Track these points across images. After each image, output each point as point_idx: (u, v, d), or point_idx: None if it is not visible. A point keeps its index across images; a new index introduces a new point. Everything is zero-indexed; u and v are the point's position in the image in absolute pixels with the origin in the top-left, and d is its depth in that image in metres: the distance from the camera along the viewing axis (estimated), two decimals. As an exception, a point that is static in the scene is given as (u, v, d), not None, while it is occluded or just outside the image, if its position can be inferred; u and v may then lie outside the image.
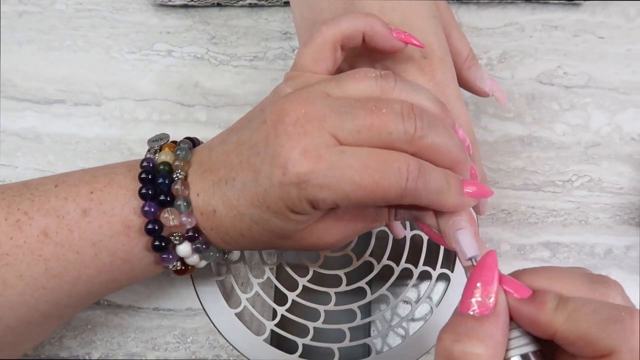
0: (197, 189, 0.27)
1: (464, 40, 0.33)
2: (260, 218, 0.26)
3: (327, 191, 0.24)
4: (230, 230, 0.27)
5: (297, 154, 0.23)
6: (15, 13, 0.45)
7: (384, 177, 0.23)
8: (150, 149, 0.30)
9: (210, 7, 0.44)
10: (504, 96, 0.34)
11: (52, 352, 0.40)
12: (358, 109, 0.24)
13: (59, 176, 0.30)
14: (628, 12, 0.42)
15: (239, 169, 0.26)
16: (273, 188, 0.24)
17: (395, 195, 0.24)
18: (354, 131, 0.24)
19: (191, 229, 0.28)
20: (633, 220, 0.39)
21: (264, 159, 0.24)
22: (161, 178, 0.28)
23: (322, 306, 0.35)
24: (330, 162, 0.23)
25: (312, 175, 0.23)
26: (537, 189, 0.40)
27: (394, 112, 0.24)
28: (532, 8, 0.43)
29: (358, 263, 0.35)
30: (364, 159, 0.24)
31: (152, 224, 0.28)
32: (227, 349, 0.39)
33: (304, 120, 0.24)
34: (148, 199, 0.28)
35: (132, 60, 0.44)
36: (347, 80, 0.26)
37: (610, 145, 0.41)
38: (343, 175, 0.23)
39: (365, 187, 0.23)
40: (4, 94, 0.44)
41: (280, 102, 0.25)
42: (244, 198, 0.26)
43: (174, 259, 0.29)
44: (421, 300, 0.36)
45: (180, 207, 0.27)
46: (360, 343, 0.35)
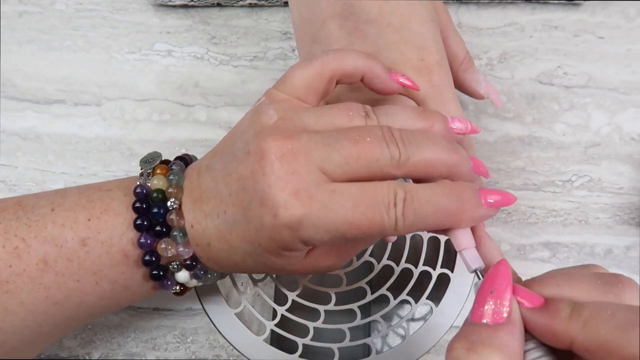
0: (191, 220, 0.27)
1: (461, 43, 0.33)
2: (254, 252, 0.26)
3: (322, 232, 0.23)
4: (225, 261, 0.27)
5: (287, 196, 0.23)
6: (15, 13, 0.45)
7: (375, 213, 0.23)
8: (143, 173, 0.29)
9: (210, 7, 0.44)
10: (499, 98, 0.34)
11: (52, 352, 0.40)
12: (342, 140, 0.24)
13: (55, 197, 0.29)
14: (628, 12, 0.42)
15: (229, 202, 0.25)
16: (264, 229, 0.24)
17: (389, 229, 0.24)
18: (341, 163, 0.24)
19: (189, 259, 0.28)
20: (633, 220, 0.39)
21: (252, 197, 0.24)
22: (156, 207, 0.27)
23: (322, 306, 0.35)
24: (322, 202, 0.23)
25: (305, 218, 0.23)
26: (537, 189, 0.40)
27: (377, 139, 0.24)
28: (532, 8, 0.43)
29: (358, 263, 0.35)
30: (355, 197, 0.23)
31: (149, 256, 0.27)
32: (227, 349, 0.39)
33: (290, 156, 0.23)
34: (144, 230, 0.27)
35: (132, 60, 0.44)
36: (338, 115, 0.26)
37: (610, 145, 0.41)
38: (336, 215, 0.23)
39: (359, 226, 0.23)
40: (4, 94, 0.44)
41: (264, 135, 0.24)
42: (236, 233, 0.25)
43: (173, 284, 0.29)
44: (421, 300, 0.36)
45: (177, 239, 0.27)
46: (360, 343, 0.35)
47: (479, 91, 0.34)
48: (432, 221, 0.24)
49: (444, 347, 0.38)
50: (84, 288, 0.28)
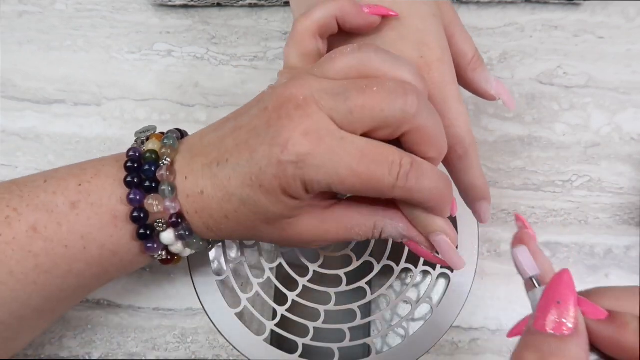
0: (185, 172, 0.28)
1: (469, 41, 0.32)
2: (250, 198, 0.26)
3: (323, 173, 0.24)
4: (216, 213, 0.27)
5: (298, 134, 0.24)
6: (15, 13, 0.45)
7: (378, 167, 0.24)
8: (138, 140, 0.30)
9: (210, 7, 0.44)
10: (511, 99, 0.33)
11: (52, 352, 0.40)
12: (350, 90, 0.25)
13: (48, 172, 0.30)
14: (628, 12, 0.42)
15: (234, 150, 0.26)
16: (270, 166, 0.25)
17: (387, 188, 0.25)
18: (347, 112, 0.24)
19: (174, 215, 0.28)
20: (633, 220, 0.39)
21: (264, 140, 0.25)
22: (147, 165, 0.28)
23: (322, 306, 0.35)
24: (329, 146, 0.24)
25: (310, 156, 0.24)
26: (537, 189, 0.40)
27: (385, 90, 0.25)
28: (532, 8, 0.43)
29: (358, 263, 0.35)
30: (361, 148, 0.24)
31: (137, 212, 0.28)
32: (227, 349, 0.39)
33: (304, 104, 0.25)
34: (133, 186, 0.28)
35: (132, 60, 0.44)
36: (325, 63, 0.26)
37: (610, 145, 0.41)
38: (341, 160, 0.24)
39: (360, 175, 0.24)
40: (4, 94, 0.44)
41: (280, 90, 0.26)
42: (236, 177, 0.26)
43: (159, 248, 0.29)
44: (421, 300, 0.36)
45: (165, 192, 0.27)
46: (360, 343, 0.35)
47: (490, 92, 0.33)
48: (426, 196, 0.25)
49: (444, 347, 0.38)
50: (72, 254, 0.28)
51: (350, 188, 0.25)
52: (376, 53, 0.26)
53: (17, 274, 0.28)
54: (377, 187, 0.25)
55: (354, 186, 0.25)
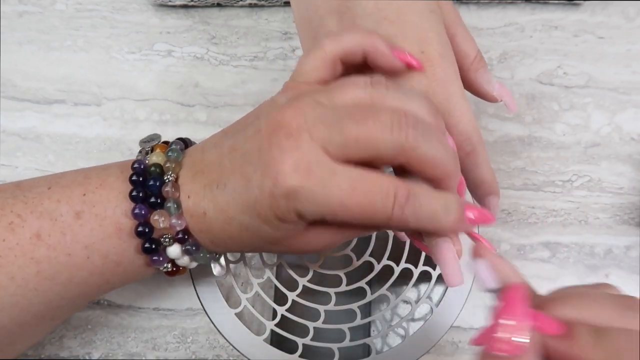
0: (188, 191, 0.27)
1: (471, 41, 0.32)
2: (250, 224, 0.26)
3: (315, 206, 0.24)
4: (220, 234, 0.27)
5: (288, 168, 0.24)
6: (15, 13, 0.45)
7: (371, 202, 0.24)
8: (142, 150, 0.30)
9: (210, 7, 0.44)
10: (513, 102, 0.33)
11: (52, 352, 0.40)
12: (344, 120, 0.24)
13: (53, 177, 0.30)
14: (628, 12, 0.42)
15: (231, 174, 0.26)
16: (263, 197, 0.24)
17: (382, 220, 0.24)
18: (341, 144, 0.24)
19: (181, 231, 0.28)
20: (633, 220, 0.39)
21: (256, 168, 0.25)
22: (152, 180, 0.28)
23: (322, 306, 0.35)
24: (319, 179, 0.23)
25: (301, 189, 0.23)
26: (537, 189, 0.40)
27: (381, 123, 0.24)
28: (532, 8, 0.43)
29: (358, 263, 0.35)
30: (352, 181, 0.24)
31: (142, 227, 0.28)
32: (227, 349, 0.39)
33: (296, 134, 0.24)
34: (139, 201, 0.28)
35: (132, 60, 0.44)
36: (335, 91, 0.26)
37: (610, 145, 0.41)
38: (331, 194, 0.23)
39: (352, 210, 0.24)
40: (4, 94, 0.44)
41: (274, 114, 0.25)
42: (235, 204, 0.26)
43: (165, 261, 0.29)
44: (421, 300, 0.36)
45: (171, 210, 0.27)
46: (360, 343, 0.35)
47: (492, 93, 0.32)
48: (423, 224, 0.24)
49: (444, 347, 0.38)
50: (74, 262, 0.28)
51: (344, 220, 0.24)
52: (387, 89, 0.25)
53: (18, 280, 0.28)
54: (372, 220, 0.24)
55: (348, 219, 0.24)
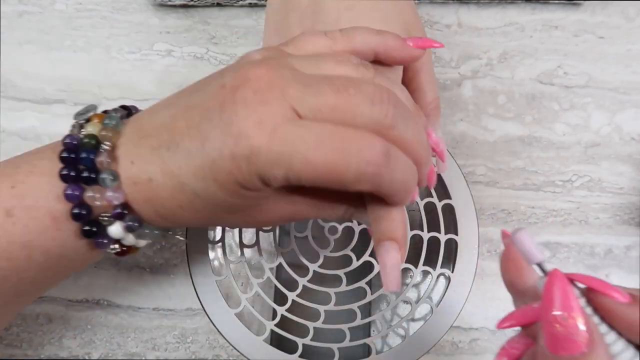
0: (132, 157, 0.24)
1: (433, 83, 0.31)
2: (205, 190, 0.23)
3: (277, 168, 0.21)
4: (168, 202, 0.24)
5: (251, 124, 0.21)
6: (15, 13, 0.45)
7: (340, 157, 0.21)
8: (75, 125, 0.26)
9: (210, 7, 0.44)
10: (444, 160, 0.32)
11: (51, 352, 0.40)
12: (323, 85, 0.22)
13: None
14: (628, 12, 0.42)
15: (186, 134, 0.23)
16: (223, 160, 0.22)
17: (352, 180, 0.21)
18: (314, 108, 0.22)
19: (119, 206, 0.25)
20: (633, 220, 0.39)
21: (216, 126, 0.22)
22: (84, 153, 0.25)
23: (322, 306, 0.35)
24: (284, 136, 0.21)
25: (263, 149, 0.21)
26: (537, 189, 0.40)
27: (362, 95, 0.22)
28: (532, 8, 0.43)
29: (358, 263, 0.35)
30: (320, 135, 0.21)
31: (77, 208, 0.25)
32: (227, 349, 0.39)
33: (266, 88, 0.22)
34: (70, 180, 0.25)
35: (132, 60, 0.44)
36: (327, 61, 0.24)
37: (610, 145, 0.41)
38: (295, 150, 0.21)
39: (316, 166, 0.21)
40: (4, 94, 0.44)
41: (245, 68, 0.22)
42: (187, 167, 0.23)
43: (110, 242, 0.26)
44: (421, 300, 0.36)
45: (106, 181, 0.24)
46: (360, 343, 0.35)
47: None
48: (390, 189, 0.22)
49: (444, 347, 0.38)
50: (17, 265, 0.26)
51: (309, 182, 0.22)
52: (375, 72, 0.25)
53: None
54: (339, 180, 0.21)
55: (313, 180, 0.21)
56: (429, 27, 0.43)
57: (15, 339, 0.40)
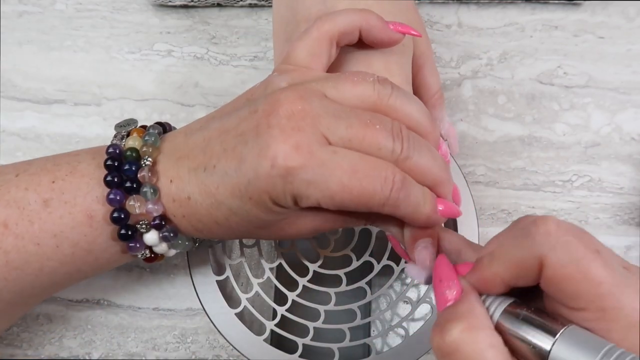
0: (171, 176, 0.27)
1: (436, 77, 0.33)
2: (240, 208, 0.25)
3: (313, 189, 0.23)
4: (205, 218, 0.26)
5: (288, 147, 0.23)
6: (15, 13, 0.45)
7: (370, 183, 0.24)
8: (117, 135, 0.29)
9: (210, 7, 0.44)
10: (456, 145, 0.35)
11: (52, 352, 0.40)
12: (353, 118, 0.24)
13: (21, 164, 0.29)
14: (628, 12, 0.42)
15: (222, 156, 0.25)
16: (258, 179, 0.24)
17: (377, 203, 0.24)
18: (345, 139, 0.24)
19: (158, 217, 0.27)
20: (633, 220, 0.39)
21: (251, 149, 0.24)
22: (127, 165, 0.27)
23: (322, 306, 0.35)
24: (321, 159, 0.23)
25: (301, 170, 0.23)
26: (537, 189, 0.40)
27: (386, 130, 0.24)
28: (532, 8, 0.43)
29: (358, 263, 0.35)
30: (354, 162, 0.24)
31: (117, 212, 0.27)
32: (227, 349, 0.39)
33: (299, 116, 0.24)
34: (114, 186, 0.27)
35: (132, 60, 0.44)
36: (345, 83, 0.26)
37: (610, 145, 0.41)
38: (332, 174, 0.23)
39: (351, 190, 0.23)
40: (4, 94, 0.44)
41: (276, 94, 0.25)
42: (224, 187, 0.25)
43: (141, 248, 0.28)
44: (421, 300, 0.36)
45: (147, 195, 0.26)
46: (360, 343, 0.35)
47: (440, 131, 0.34)
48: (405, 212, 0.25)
49: (444, 347, 0.38)
50: (44, 252, 0.27)
51: (339, 204, 0.24)
52: (392, 89, 0.26)
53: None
54: (368, 203, 0.24)
55: (344, 202, 0.24)
56: (429, 27, 0.43)
57: (15, 339, 0.40)
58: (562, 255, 0.20)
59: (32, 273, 0.28)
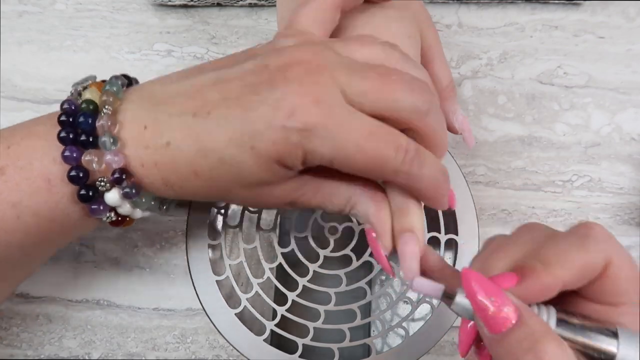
0: (145, 121, 0.25)
1: (446, 70, 0.33)
2: (233, 158, 0.24)
3: (329, 146, 0.23)
4: (183, 168, 0.25)
5: (309, 102, 0.22)
6: (15, 13, 0.45)
7: (386, 147, 0.23)
8: (73, 91, 0.27)
9: (210, 7, 0.44)
10: (472, 137, 0.34)
11: (51, 352, 0.40)
12: (368, 71, 0.24)
13: None
14: (628, 12, 0.42)
15: (221, 104, 0.24)
16: (269, 129, 0.23)
17: (391, 170, 0.24)
18: (361, 92, 0.23)
19: (118, 170, 0.25)
20: (633, 220, 0.39)
21: (265, 99, 0.23)
22: (82, 117, 0.25)
23: (322, 306, 0.35)
24: (340, 119, 0.23)
25: (320, 126, 0.22)
26: (537, 189, 0.40)
27: (403, 81, 0.24)
28: (532, 8, 0.43)
29: (358, 263, 0.35)
30: (372, 126, 0.23)
31: (75, 170, 0.25)
32: (227, 349, 0.39)
33: (316, 70, 0.23)
34: (69, 142, 0.25)
35: (132, 60, 0.44)
36: (354, 43, 0.25)
37: (610, 145, 0.41)
38: (350, 135, 0.23)
39: (367, 153, 0.23)
40: (4, 94, 0.44)
41: (289, 50, 0.24)
42: (220, 133, 0.23)
43: (105, 210, 0.26)
44: (421, 300, 0.36)
45: (106, 144, 0.24)
46: (360, 343, 0.34)
47: (453, 124, 0.34)
48: (424, 185, 0.24)
49: (444, 347, 0.38)
50: (5, 225, 0.26)
51: (353, 165, 0.23)
52: (401, 54, 0.26)
53: None
54: (381, 168, 0.23)
55: (358, 164, 0.23)
56: (429, 27, 0.43)
57: (15, 339, 0.40)
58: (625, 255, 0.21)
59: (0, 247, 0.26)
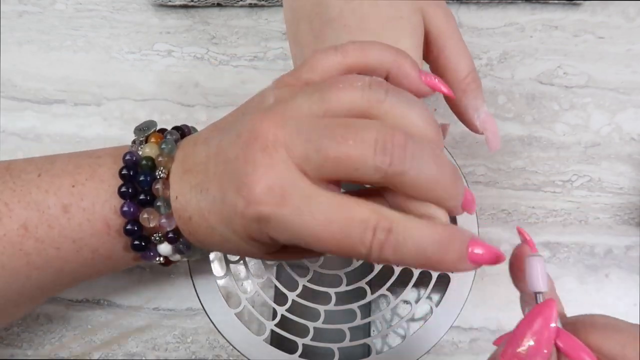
0: (177, 192, 0.26)
1: (464, 57, 0.29)
2: (230, 237, 0.25)
3: (288, 235, 0.22)
4: (205, 239, 0.26)
5: (260, 189, 0.22)
6: (15, 13, 0.45)
7: (347, 236, 0.21)
8: (136, 140, 0.29)
9: (210, 7, 0.44)
10: (496, 141, 0.30)
11: (52, 352, 0.40)
12: (324, 139, 0.21)
13: (44, 162, 0.29)
14: (628, 12, 0.42)
15: (213, 180, 0.24)
16: (236, 216, 0.23)
17: (362, 255, 0.21)
18: (318, 164, 0.22)
19: (171, 231, 0.27)
20: (633, 220, 0.39)
21: (232, 182, 0.23)
22: (142, 175, 0.27)
23: (322, 306, 0.35)
24: (293, 206, 0.21)
25: (273, 217, 0.22)
26: (537, 189, 0.40)
27: (363, 144, 0.21)
28: (532, 8, 0.43)
29: (358, 263, 0.35)
30: (328, 213, 0.21)
31: (131, 225, 0.27)
32: (227, 349, 0.39)
33: (272, 148, 0.22)
34: (127, 198, 0.27)
35: (132, 60, 0.44)
36: (330, 91, 0.23)
37: (610, 145, 0.41)
38: (305, 225, 0.21)
39: (327, 243, 0.21)
40: (4, 94, 0.44)
41: (255, 119, 0.23)
42: (214, 214, 0.24)
43: (156, 256, 0.28)
44: (421, 300, 0.35)
45: (160, 209, 0.26)
46: (360, 343, 0.34)
47: (474, 121, 0.30)
48: (408, 262, 0.21)
49: (444, 347, 0.38)
50: (64, 255, 0.28)
51: (320, 250, 0.22)
52: (387, 93, 0.23)
53: (8, 269, 0.27)
54: (349, 254, 0.22)
55: (323, 250, 0.22)
56: (429, 27, 0.43)
57: (15, 339, 0.40)
58: None
59: (53, 273, 0.28)
